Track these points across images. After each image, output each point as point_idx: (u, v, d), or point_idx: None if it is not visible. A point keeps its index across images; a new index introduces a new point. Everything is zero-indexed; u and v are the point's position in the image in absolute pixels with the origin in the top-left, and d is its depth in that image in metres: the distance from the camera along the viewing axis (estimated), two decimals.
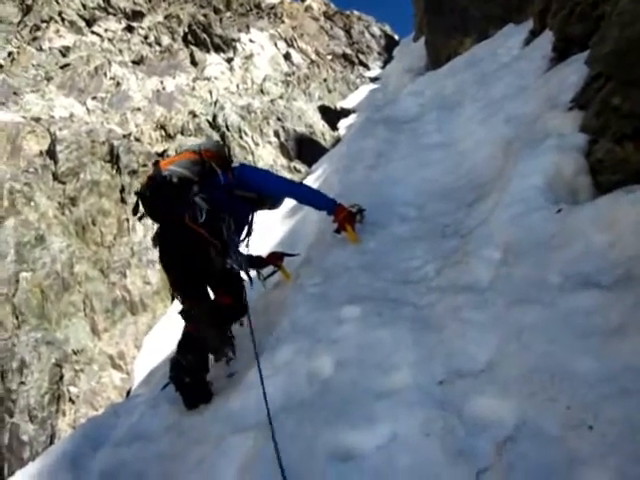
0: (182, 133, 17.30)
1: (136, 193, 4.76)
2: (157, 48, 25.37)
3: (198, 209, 4.54)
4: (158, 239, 4.74)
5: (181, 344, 4.55)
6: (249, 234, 5.44)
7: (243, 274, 5.16)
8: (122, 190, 12.77)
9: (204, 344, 4.56)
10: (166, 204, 4.58)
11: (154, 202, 4.63)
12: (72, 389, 9.08)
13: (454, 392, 2.87)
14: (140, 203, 4.69)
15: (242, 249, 5.22)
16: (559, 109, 5.32)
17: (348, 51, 33.35)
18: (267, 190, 5.28)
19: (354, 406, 2.90)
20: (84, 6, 26.67)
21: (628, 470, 2.01)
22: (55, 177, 12.77)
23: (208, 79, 23.48)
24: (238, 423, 3.49)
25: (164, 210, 4.62)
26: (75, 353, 9.58)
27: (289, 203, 5.96)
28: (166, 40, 26.05)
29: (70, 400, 8.96)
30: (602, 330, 2.70)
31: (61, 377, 9.17)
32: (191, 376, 4.19)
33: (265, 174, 5.32)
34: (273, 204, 5.62)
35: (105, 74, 20.78)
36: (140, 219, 4.78)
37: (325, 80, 27.13)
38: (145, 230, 11.94)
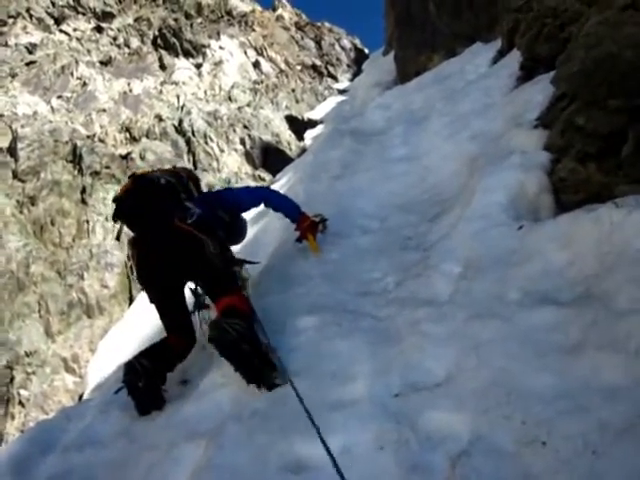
0: (147, 136, 17.16)
1: (114, 200, 4.54)
2: (126, 50, 25.19)
3: (189, 211, 4.45)
4: (136, 249, 4.51)
5: (148, 350, 4.30)
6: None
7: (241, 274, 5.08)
8: (83, 191, 12.59)
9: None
10: (152, 207, 4.40)
11: (137, 206, 4.41)
12: (22, 392, 8.91)
13: (409, 405, 2.85)
14: (118, 209, 4.47)
15: None
16: (524, 127, 5.37)
17: (318, 62, 33.43)
18: (245, 200, 5.30)
19: (306, 418, 2.86)
20: (53, 4, 26.36)
21: None
22: (15, 175, 12.58)
23: (176, 84, 23.36)
24: (189, 430, 3.42)
25: (150, 213, 4.40)
26: (27, 355, 9.41)
27: (250, 212, 5.88)
28: (135, 42, 25.88)
29: (20, 403, 8.79)
30: (560, 347, 2.71)
31: (12, 379, 9.00)
32: (145, 381, 4.07)
33: (240, 188, 5.36)
34: (239, 236, 5.60)
35: (72, 73, 20.56)
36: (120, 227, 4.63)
37: (293, 90, 27.18)
38: (105, 233, 11.82)
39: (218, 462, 2.89)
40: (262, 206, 5.48)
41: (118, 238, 12.14)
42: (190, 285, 4.83)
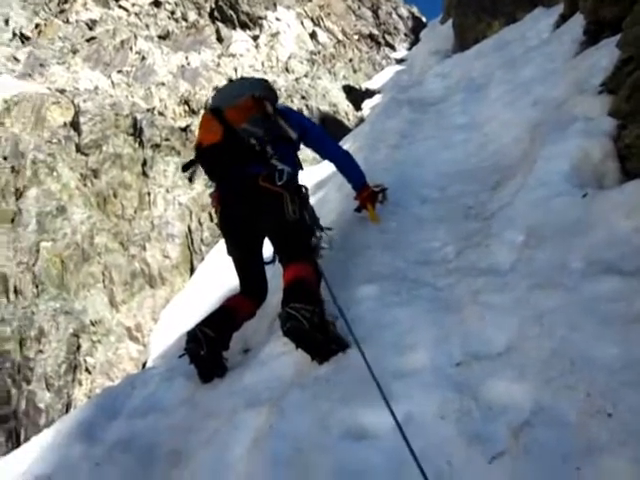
0: (206, 109, 17.23)
1: (197, 147, 4.53)
2: (183, 24, 25.26)
3: (277, 171, 4.32)
4: (219, 200, 4.53)
5: (209, 318, 4.28)
6: None
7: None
8: (144, 164, 12.72)
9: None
10: (237, 165, 4.37)
11: (223, 161, 4.40)
12: (89, 359, 9.12)
13: (471, 375, 2.83)
14: (200, 158, 4.49)
15: None
16: (588, 93, 5.23)
17: (375, 32, 33.04)
18: (326, 144, 5.30)
19: (370, 385, 2.86)
20: None
21: None
22: (78, 149, 12.76)
23: (233, 56, 23.36)
24: (251, 398, 3.46)
25: (233, 171, 4.38)
26: (93, 324, 9.62)
27: (309, 181, 5.83)
28: (192, 16, 25.92)
29: (87, 370, 9.00)
30: (624, 317, 2.65)
31: (78, 347, 9.21)
32: (207, 350, 4.11)
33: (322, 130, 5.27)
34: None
35: (131, 48, 20.72)
36: (190, 179, 4.56)
37: (351, 60, 26.94)
38: (165, 204, 11.93)
39: (280, 428, 2.92)
40: (326, 161, 5.50)
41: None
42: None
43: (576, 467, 2.07)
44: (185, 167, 4.72)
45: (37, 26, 20.82)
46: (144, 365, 8.70)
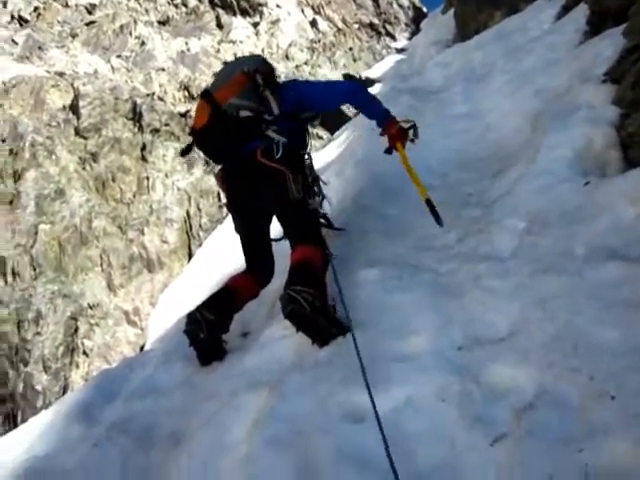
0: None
1: (191, 132, 4.49)
2: (183, 9, 25.18)
3: (274, 143, 4.18)
4: (223, 179, 4.46)
5: (210, 300, 4.22)
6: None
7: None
8: (143, 148, 12.71)
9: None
10: (231, 143, 4.28)
11: (215, 142, 4.35)
12: (86, 342, 9.14)
13: (473, 358, 2.83)
14: (196, 143, 4.44)
15: None
16: (591, 82, 5.21)
17: (375, 21, 32.98)
18: (328, 106, 4.90)
19: (370, 368, 2.85)
20: None
21: None
22: (77, 132, 12.76)
23: (233, 42, 23.34)
24: (251, 380, 3.46)
25: (229, 149, 4.31)
26: (90, 307, 9.64)
27: None
28: (193, 2, 25.83)
29: (84, 353, 9.03)
30: (628, 302, 2.65)
31: (76, 330, 9.24)
32: (206, 333, 4.08)
33: (323, 89, 4.77)
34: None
35: (130, 33, 20.68)
36: (190, 165, 4.51)
37: (351, 49, 26.90)
38: (164, 189, 11.94)
39: (280, 410, 2.92)
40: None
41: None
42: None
43: (578, 449, 2.08)
44: (183, 152, 4.67)
45: (36, 9, 20.73)
46: (142, 349, 8.74)
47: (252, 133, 4.28)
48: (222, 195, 8.75)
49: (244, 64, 4.54)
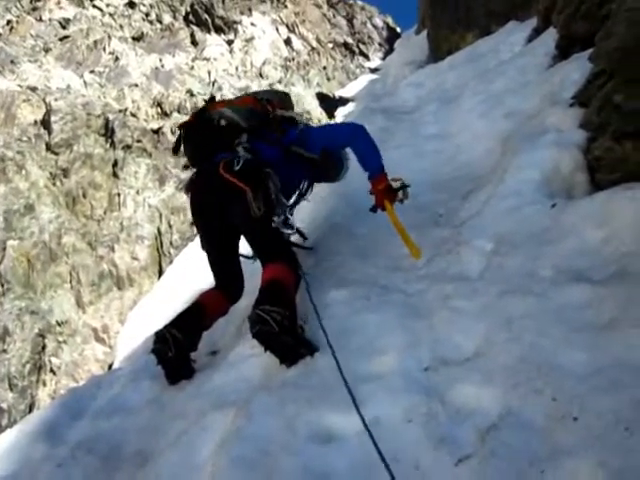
0: (179, 111, 17.17)
1: (180, 127, 4.56)
2: (158, 26, 25.14)
3: (235, 157, 4.18)
4: (191, 192, 4.42)
5: (179, 318, 4.16)
6: (297, 202, 5.08)
7: (293, 239, 4.92)
8: (115, 164, 12.65)
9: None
10: (205, 147, 4.35)
11: (193, 141, 4.43)
12: (54, 360, 9.03)
13: (439, 379, 2.84)
14: (182, 140, 4.50)
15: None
16: (560, 105, 5.30)
17: (349, 40, 33.17)
18: (330, 145, 4.84)
19: (337, 389, 2.86)
20: None
21: (610, 462, 1.98)
22: (48, 147, 12.65)
23: (207, 59, 23.31)
24: (219, 400, 3.44)
25: (202, 153, 4.37)
26: (59, 324, 9.53)
27: None
28: (167, 18, 25.81)
29: (51, 371, 8.92)
30: (593, 324, 2.69)
31: (43, 347, 9.13)
32: (175, 351, 4.04)
33: (327, 129, 4.89)
34: (336, 174, 5.27)
35: (104, 48, 20.58)
36: (186, 168, 4.51)
37: (325, 68, 27.03)
38: (135, 206, 11.88)
39: (247, 431, 2.90)
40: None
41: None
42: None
43: (541, 470, 2.10)
44: (174, 149, 4.67)
45: (9, 22, 20.58)
46: (110, 367, 8.65)
47: (225, 144, 4.34)
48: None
49: (261, 94, 4.78)
